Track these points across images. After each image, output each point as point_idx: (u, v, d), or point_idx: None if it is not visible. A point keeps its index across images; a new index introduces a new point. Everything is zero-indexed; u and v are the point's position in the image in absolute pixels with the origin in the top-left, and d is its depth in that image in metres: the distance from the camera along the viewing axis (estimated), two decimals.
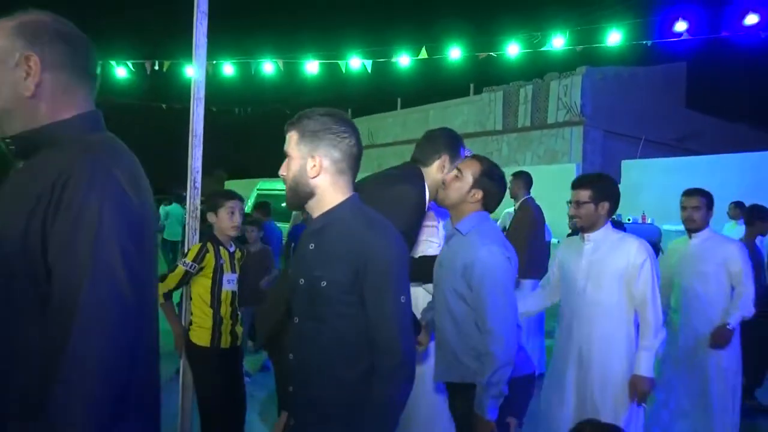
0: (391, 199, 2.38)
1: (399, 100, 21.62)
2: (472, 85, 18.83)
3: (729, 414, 3.64)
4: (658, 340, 2.74)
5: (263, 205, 7.08)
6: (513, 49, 7.77)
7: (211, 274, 3.24)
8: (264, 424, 4.44)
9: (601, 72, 15.48)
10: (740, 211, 8.13)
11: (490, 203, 2.39)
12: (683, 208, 3.79)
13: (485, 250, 2.23)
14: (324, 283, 1.68)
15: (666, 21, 6.87)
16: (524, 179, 5.86)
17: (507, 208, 6.77)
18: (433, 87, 18.92)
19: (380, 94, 21.45)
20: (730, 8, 6.38)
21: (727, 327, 3.59)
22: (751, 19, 6.19)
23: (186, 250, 3.28)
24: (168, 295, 3.24)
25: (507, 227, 6.09)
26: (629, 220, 9.72)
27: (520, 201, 5.87)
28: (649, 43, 7.03)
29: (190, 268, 3.18)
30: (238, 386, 3.44)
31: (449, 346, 2.33)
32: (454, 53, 8.12)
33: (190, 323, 3.30)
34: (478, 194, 2.36)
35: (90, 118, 1.37)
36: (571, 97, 15.58)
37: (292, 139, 1.76)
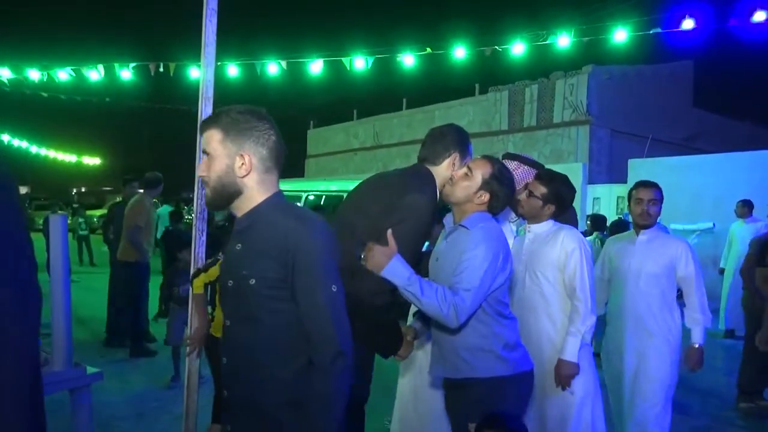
0: (405, 207, 2.38)
1: (404, 100, 21.60)
2: (477, 85, 18.80)
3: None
4: (585, 326, 2.76)
5: None
6: (518, 48, 7.74)
7: None
8: None
9: (608, 71, 15.40)
10: (748, 209, 8.09)
11: (495, 206, 2.37)
12: (638, 200, 3.46)
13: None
14: (252, 281, 1.64)
15: (673, 19, 6.83)
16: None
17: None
18: (439, 87, 18.92)
19: (385, 95, 21.46)
20: (738, 5, 6.34)
21: (696, 347, 3.31)
22: (759, 16, 6.14)
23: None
24: (206, 287, 3.44)
25: None
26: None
27: None
28: (657, 32, 6.97)
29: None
30: None
31: (447, 341, 2.31)
32: (459, 53, 8.09)
33: (212, 318, 3.49)
34: (485, 196, 2.34)
35: None
36: (577, 96, 15.52)
37: (213, 137, 1.69)
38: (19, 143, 22.20)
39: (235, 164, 1.67)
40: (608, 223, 8.30)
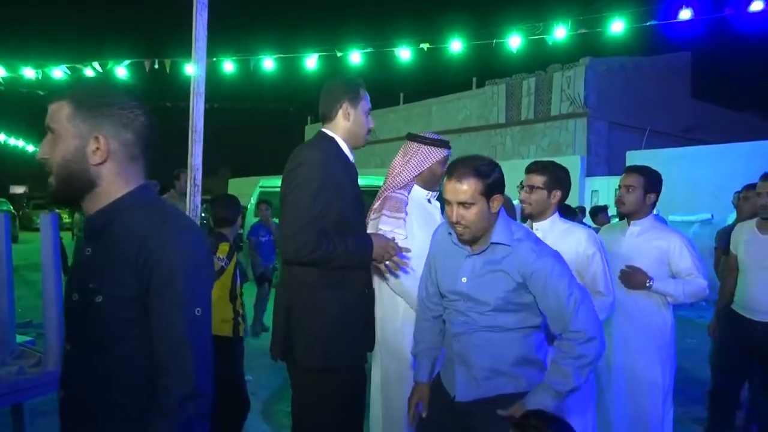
0: (298, 165, 2.41)
1: (401, 95, 21.55)
2: (474, 79, 18.76)
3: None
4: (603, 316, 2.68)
5: (265, 202, 7.21)
6: (515, 41, 7.69)
7: (232, 272, 3.57)
8: (266, 423, 4.42)
9: (605, 63, 15.36)
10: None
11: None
12: (618, 187, 3.30)
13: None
14: (100, 298, 1.30)
15: (670, 9, 6.79)
16: None
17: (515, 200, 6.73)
18: (435, 81, 18.89)
19: (382, 90, 21.36)
20: None
21: (649, 281, 3.07)
22: (757, 5, 6.10)
23: None
24: None
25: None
26: None
27: None
28: (654, 23, 6.94)
29: (225, 264, 3.51)
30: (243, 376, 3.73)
31: (487, 357, 2.17)
32: (456, 46, 8.05)
33: None
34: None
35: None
36: (575, 88, 15.48)
37: (61, 112, 1.33)
38: (15, 142, 22.13)
39: (87, 148, 1.33)
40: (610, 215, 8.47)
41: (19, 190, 40.87)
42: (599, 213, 8.40)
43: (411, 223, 2.83)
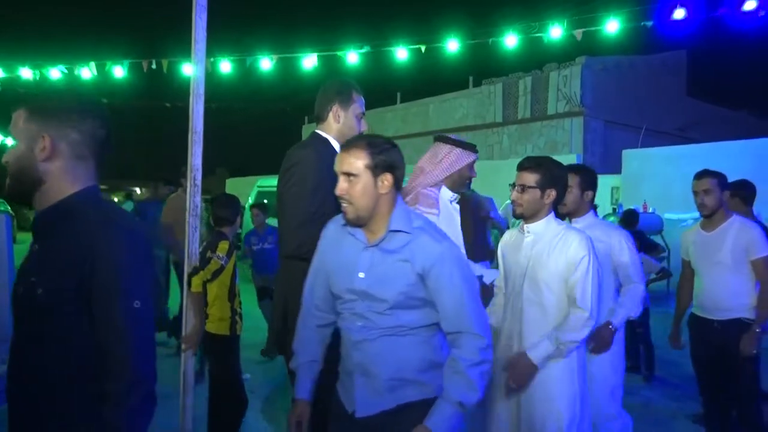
0: (292, 165, 2.49)
1: (398, 94, 21.58)
2: (471, 78, 18.80)
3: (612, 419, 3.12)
4: (569, 340, 2.46)
5: (258, 206, 7.24)
6: (511, 40, 7.74)
7: (231, 271, 3.62)
8: (265, 420, 4.46)
9: (601, 62, 15.42)
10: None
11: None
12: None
13: None
14: (40, 291, 1.39)
15: (665, 9, 6.84)
16: None
17: (507, 200, 6.77)
18: (432, 81, 18.91)
19: (379, 89, 21.40)
20: None
21: (610, 327, 3.05)
22: (750, 4, 6.16)
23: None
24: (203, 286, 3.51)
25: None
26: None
27: None
28: (649, 23, 6.99)
29: (225, 262, 3.53)
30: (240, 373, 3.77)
31: (392, 362, 1.97)
32: (453, 46, 8.09)
33: (207, 317, 3.56)
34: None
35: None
36: (571, 87, 15.53)
37: (19, 118, 1.47)
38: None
39: (35, 146, 1.44)
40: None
41: None
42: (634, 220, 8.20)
43: (439, 221, 2.88)
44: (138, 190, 39.83)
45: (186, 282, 3.36)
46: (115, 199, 24.00)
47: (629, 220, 6.85)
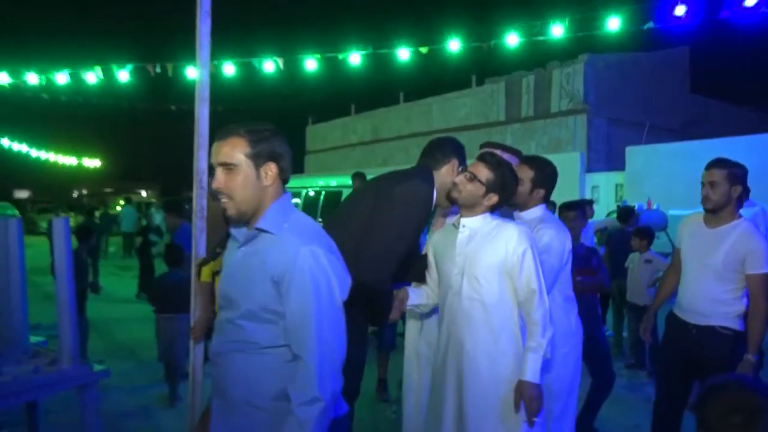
0: (404, 192, 2.49)
1: (401, 94, 21.63)
2: (474, 77, 18.82)
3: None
4: (545, 339, 2.34)
5: None
6: (513, 39, 7.77)
7: None
8: None
9: (604, 59, 15.42)
10: (746, 193, 8.11)
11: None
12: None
13: None
14: None
15: (666, 5, 6.85)
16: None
17: None
18: (435, 80, 18.94)
19: (382, 89, 21.46)
20: None
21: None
22: (751, 0, 6.18)
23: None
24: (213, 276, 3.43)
25: None
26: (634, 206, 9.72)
27: None
28: (649, 26, 7.02)
29: None
30: None
31: (253, 386, 1.73)
32: (454, 45, 8.13)
33: (214, 313, 3.47)
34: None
35: None
36: (574, 85, 15.54)
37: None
38: (19, 147, 22.27)
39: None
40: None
41: (22, 194, 41.07)
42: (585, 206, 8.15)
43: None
44: (143, 193, 39.99)
45: (195, 272, 3.38)
46: (120, 204, 24.12)
47: (624, 217, 6.68)
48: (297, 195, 11.75)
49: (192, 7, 3.04)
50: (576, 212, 4.42)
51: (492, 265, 2.40)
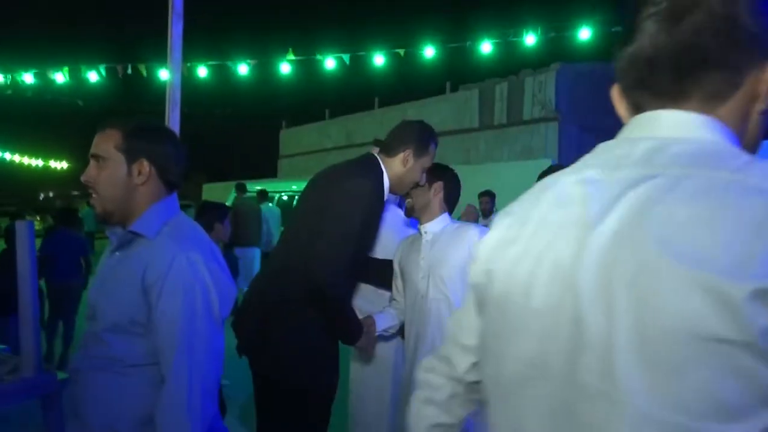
0: (346, 192, 2.34)
1: (376, 99, 21.65)
2: (448, 83, 18.94)
3: None
4: None
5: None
6: (487, 47, 7.84)
7: None
8: (243, 427, 4.44)
9: (575, 68, 15.66)
10: None
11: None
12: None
13: None
14: None
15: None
16: None
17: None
18: (410, 86, 19.03)
19: (357, 94, 21.49)
20: None
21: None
22: None
23: None
24: None
25: None
26: None
27: None
28: (618, 30, 7.18)
29: None
30: None
31: (110, 408, 1.56)
32: (430, 51, 8.17)
33: None
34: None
35: None
36: (546, 93, 15.75)
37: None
38: None
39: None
40: None
41: None
42: None
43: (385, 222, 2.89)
44: None
45: None
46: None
47: None
48: (270, 200, 11.65)
49: (164, 8, 2.99)
50: None
51: (456, 266, 2.47)
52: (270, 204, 9.82)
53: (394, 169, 2.52)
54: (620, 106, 1.04)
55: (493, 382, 0.88)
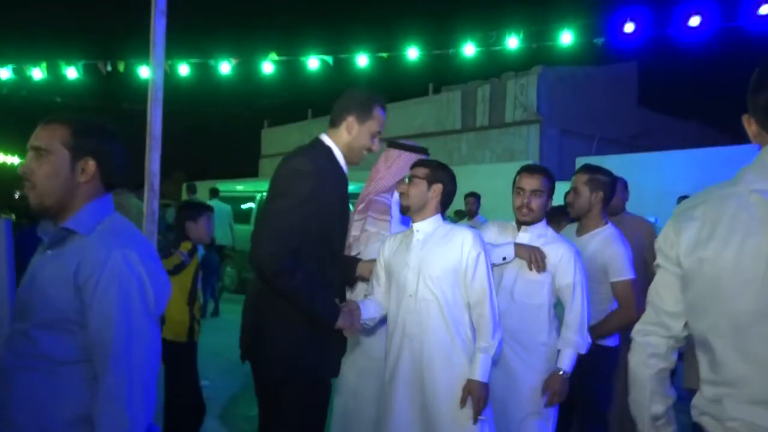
0: (285, 173, 2.34)
1: None
2: (431, 85, 18.99)
3: None
4: (496, 341, 2.44)
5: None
6: (470, 49, 7.90)
7: (192, 273, 3.56)
8: (223, 427, 4.42)
9: (556, 72, 15.83)
10: None
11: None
12: (519, 189, 2.91)
13: None
14: None
15: (616, 22, 7.11)
16: None
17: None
18: (392, 87, 19.03)
19: (340, 94, 21.43)
20: (676, 11, 6.67)
21: (561, 375, 2.68)
22: (695, 21, 6.49)
23: None
24: None
25: None
26: None
27: None
28: (600, 41, 7.28)
29: (185, 259, 3.48)
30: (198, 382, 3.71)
31: (50, 411, 1.51)
32: (413, 53, 8.20)
33: (163, 321, 3.44)
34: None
35: None
36: (528, 96, 15.88)
37: None
38: None
39: None
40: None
41: None
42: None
43: (395, 225, 2.92)
44: None
45: None
46: None
47: (551, 216, 6.79)
48: (251, 199, 11.60)
49: (147, 5, 2.98)
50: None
51: (447, 268, 2.49)
52: (218, 200, 9.94)
53: (341, 139, 2.47)
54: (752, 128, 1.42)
55: (717, 329, 1.33)
